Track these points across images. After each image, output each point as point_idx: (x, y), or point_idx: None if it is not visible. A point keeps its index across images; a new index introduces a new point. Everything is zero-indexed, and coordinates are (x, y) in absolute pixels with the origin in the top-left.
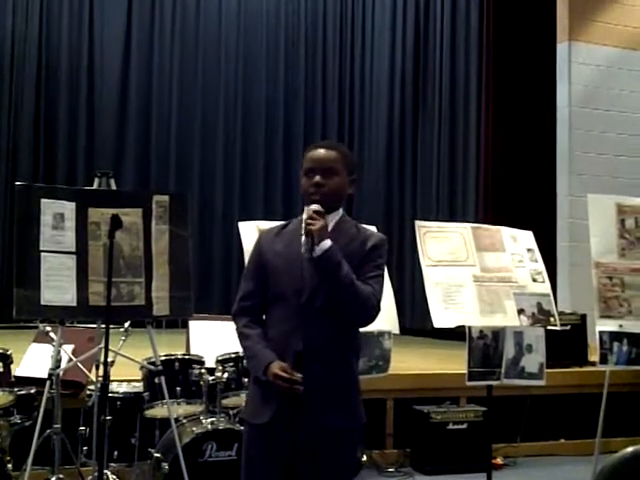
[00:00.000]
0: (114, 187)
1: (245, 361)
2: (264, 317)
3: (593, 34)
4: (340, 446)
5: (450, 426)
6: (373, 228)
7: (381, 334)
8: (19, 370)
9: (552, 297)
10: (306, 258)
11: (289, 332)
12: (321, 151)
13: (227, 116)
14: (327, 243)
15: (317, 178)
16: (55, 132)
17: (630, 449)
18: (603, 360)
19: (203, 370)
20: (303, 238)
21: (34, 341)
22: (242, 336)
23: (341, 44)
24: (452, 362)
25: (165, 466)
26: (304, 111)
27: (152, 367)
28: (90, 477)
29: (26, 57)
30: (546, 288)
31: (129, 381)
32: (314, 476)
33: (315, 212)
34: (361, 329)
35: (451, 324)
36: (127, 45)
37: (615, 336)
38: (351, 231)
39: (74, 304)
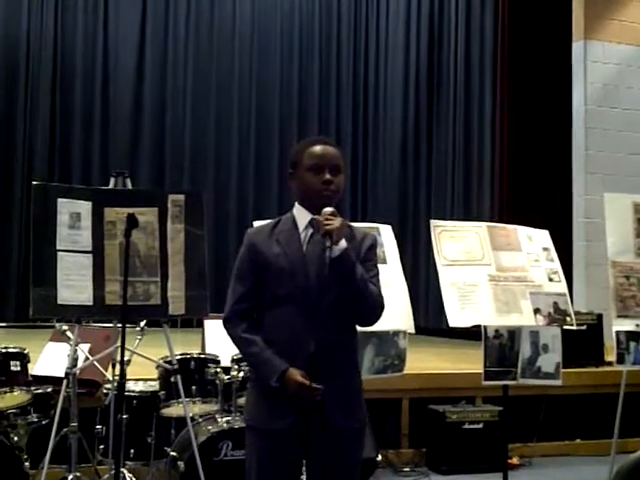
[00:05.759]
0: (130, 187)
1: (251, 367)
2: (258, 320)
3: (608, 33)
4: (351, 446)
5: (466, 426)
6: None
7: (396, 333)
8: (36, 369)
9: (568, 297)
10: (327, 257)
11: (298, 334)
12: (328, 148)
13: (241, 116)
14: (343, 243)
15: (328, 175)
16: (70, 132)
17: None
18: (620, 360)
19: (219, 369)
20: (314, 235)
21: (51, 340)
22: (245, 341)
23: (355, 42)
24: (468, 362)
25: (181, 465)
26: (318, 110)
27: (168, 366)
28: (106, 476)
29: (41, 57)
30: (562, 287)
31: (145, 380)
32: (325, 477)
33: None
34: (374, 328)
35: (467, 324)
36: (141, 45)
37: (632, 336)
38: (346, 230)
39: (90, 303)
